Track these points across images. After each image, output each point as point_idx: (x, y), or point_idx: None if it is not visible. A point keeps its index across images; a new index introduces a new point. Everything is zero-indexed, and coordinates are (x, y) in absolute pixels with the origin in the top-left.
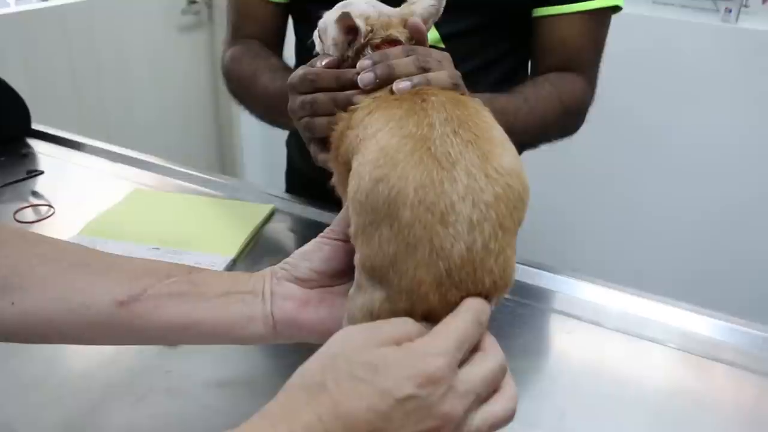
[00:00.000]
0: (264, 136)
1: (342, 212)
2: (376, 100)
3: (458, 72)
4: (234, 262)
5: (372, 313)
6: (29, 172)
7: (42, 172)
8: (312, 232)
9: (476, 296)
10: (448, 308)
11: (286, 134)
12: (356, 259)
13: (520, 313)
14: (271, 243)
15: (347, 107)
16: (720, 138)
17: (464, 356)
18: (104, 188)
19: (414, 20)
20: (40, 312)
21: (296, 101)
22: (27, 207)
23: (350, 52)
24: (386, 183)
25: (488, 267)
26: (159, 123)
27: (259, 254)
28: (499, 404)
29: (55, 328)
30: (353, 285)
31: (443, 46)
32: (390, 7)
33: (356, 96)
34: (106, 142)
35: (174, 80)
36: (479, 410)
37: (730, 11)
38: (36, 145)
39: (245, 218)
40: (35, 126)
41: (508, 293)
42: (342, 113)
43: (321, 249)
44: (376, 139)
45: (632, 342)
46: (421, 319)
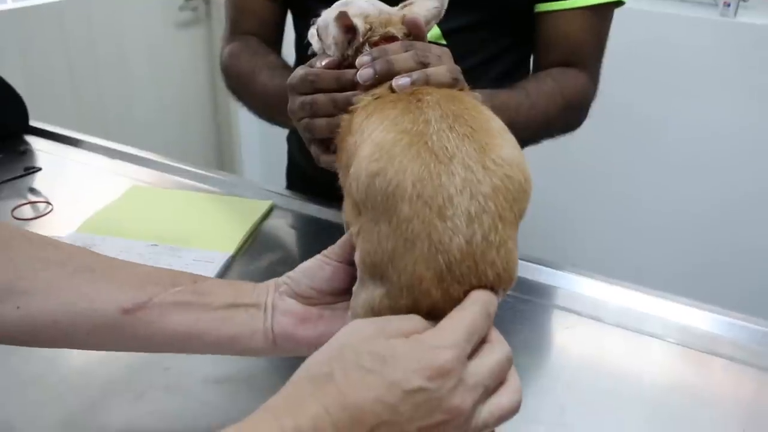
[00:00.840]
0: (262, 133)
1: (345, 235)
2: (373, 102)
3: (458, 67)
4: (232, 259)
5: (373, 309)
6: (27, 169)
7: (40, 169)
8: (311, 228)
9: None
10: (453, 303)
11: (286, 131)
12: (356, 256)
13: (521, 309)
14: (270, 239)
15: (347, 108)
16: (719, 132)
17: (473, 348)
18: (102, 185)
19: (411, 16)
20: (45, 316)
21: (296, 102)
22: (25, 204)
23: (350, 51)
24: (384, 177)
25: (490, 259)
26: (157, 119)
27: (258, 251)
28: (506, 396)
29: (59, 333)
30: (357, 281)
31: (445, 42)
32: (390, 7)
33: (355, 97)
34: (104, 139)
35: (172, 77)
36: (486, 403)
37: (729, 5)
38: (34, 142)
39: (244, 215)
40: (33, 123)
41: (509, 290)
42: (344, 115)
43: (323, 268)
44: (372, 138)
45: (632, 337)
46: (426, 315)
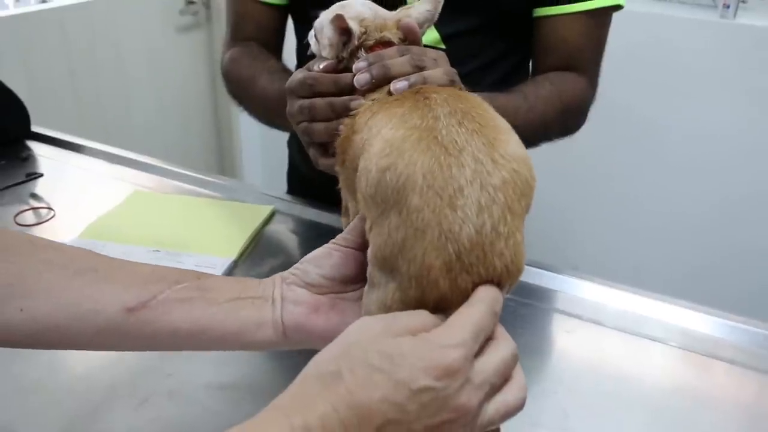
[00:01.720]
0: (263, 137)
1: (354, 221)
2: (377, 102)
3: (454, 69)
4: (235, 264)
5: (386, 306)
6: (29, 175)
7: (41, 175)
8: (312, 233)
9: (488, 283)
10: (460, 295)
11: (287, 135)
12: (369, 253)
13: (522, 313)
14: (272, 244)
15: (345, 112)
16: (719, 134)
17: (480, 346)
18: (104, 190)
19: (407, 21)
20: (49, 318)
21: (295, 106)
22: (27, 210)
23: (345, 53)
24: (393, 171)
25: (498, 250)
26: (158, 124)
27: (260, 256)
28: (511, 393)
29: (64, 335)
30: (367, 283)
31: (443, 47)
32: (386, 10)
33: (353, 102)
34: (105, 144)
35: (172, 81)
36: (492, 400)
37: (728, 7)
38: (35, 148)
39: (245, 220)
40: (34, 128)
41: (510, 293)
42: (345, 119)
43: (331, 255)
44: (381, 135)
45: (633, 340)
46: (433, 309)
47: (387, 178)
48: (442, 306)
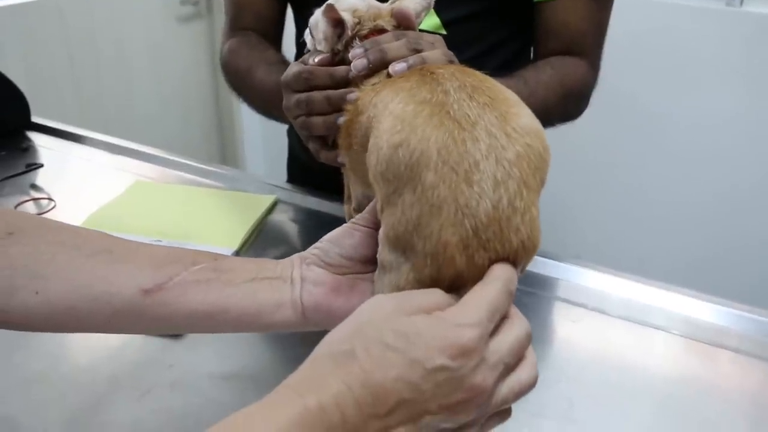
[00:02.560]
0: (265, 127)
1: (374, 201)
2: (381, 83)
3: (451, 52)
4: (237, 254)
5: (399, 288)
6: (29, 166)
7: (42, 165)
8: (314, 222)
9: (504, 260)
10: (476, 272)
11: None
12: (380, 234)
13: (525, 302)
14: (274, 234)
15: (342, 105)
16: (724, 122)
17: (494, 326)
18: (104, 180)
19: (400, 7)
20: (64, 301)
21: (291, 100)
22: (28, 200)
23: (340, 45)
24: (406, 147)
25: (515, 225)
26: (159, 114)
27: (262, 245)
28: (524, 372)
29: (80, 317)
30: (378, 268)
31: (444, 33)
32: (379, 3)
33: (350, 94)
34: (106, 134)
35: (173, 71)
36: (507, 379)
37: None
38: (35, 138)
39: (248, 209)
40: (34, 119)
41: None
42: (348, 105)
43: (352, 235)
44: (389, 110)
45: (637, 329)
46: (449, 287)
47: (399, 155)
48: (458, 284)
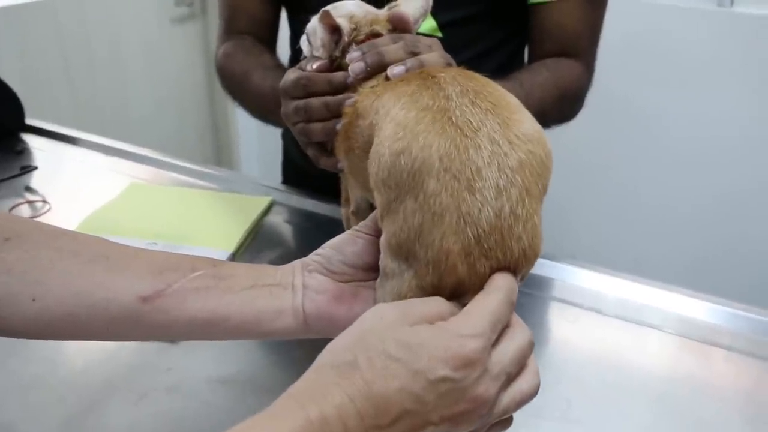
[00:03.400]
0: (260, 128)
1: (376, 211)
2: (380, 85)
3: (449, 54)
4: (233, 257)
5: (401, 295)
6: (23, 168)
7: (36, 168)
8: (310, 224)
9: (505, 268)
10: (478, 280)
11: None
12: (381, 241)
13: (522, 303)
14: (270, 236)
15: (340, 112)
16: (716, 123)
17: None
18: (99, 182)
19: (396, 11)
20: (61, 308)
21: (290, 106)
22: (23, 203)
23: (337, 52)
24: (408, 155)
25: (516, 234)
26: (153, 116)
27: (258, 247)
28: (526, 381)
29: (77, 324)
30: (380, 275)
31: (441, 35)
32: (377, 9)
33: (349, 100)
34: (101, 136)
35: (168, 72)
36: (508, 389)
37: None
38: (30, 140)
39: (243, 211)
40: (29, 121)
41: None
42: (347, 107)
43: (354, 243)
44: (391, 116)
45: (634, 329)
46: (450, 295)
47: (401, 162)
48: (459, 291)
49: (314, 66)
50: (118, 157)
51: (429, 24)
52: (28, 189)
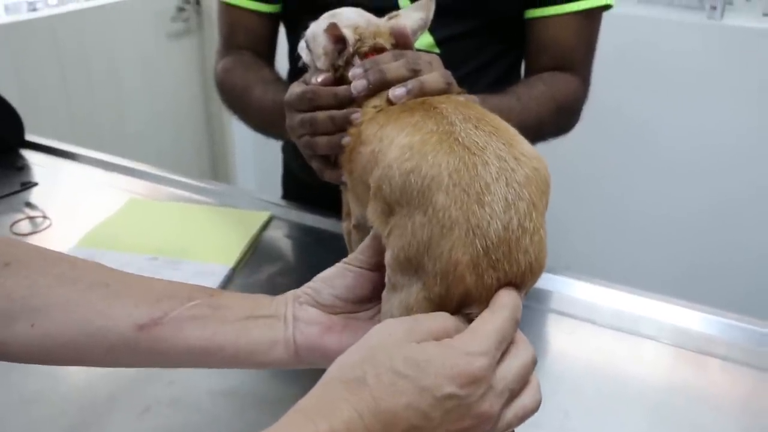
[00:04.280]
0: (256, 142)
1: (367, 240)
2: (383, 113)
3: (448, 72)
4: (233, 271)
5: (408, 307)
6: (23, 184)
7: (36, 184)
8: (310, 239)
9: (512, 280)
10: (484, 292)
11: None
12: (387, 257)
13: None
14: (270, 251)
15: (346, 125)
16: (708, 134)
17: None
18: (99, 198)
19: (398, 27)
20: (60, 335)
21: (295, 119)
22: (23, 219)
23: (340, 61)
24: (418, 173)
25: (524, 247)
26: (150, 130)
27: (257, 262)
28: (528, 396)
29: (75, 351)
30: (386, 288)
31: (438, 51)
32: (377, 18)
33: (354, 114)
34: (99, 151)
35: (165, 87)
36: (512, 405)
37: (715, 8)
38: (29, 156)
39: (243, 226)
40: (27, 137)
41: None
42: (351, 128)
43: (344, 276)
44: (395, 143)
45: (630, 340)
46: (457, 306)
47: (412, 181)
48: (466, 302)
49: (319, 79)
50: (117, 173)
51: (426, 40)
52: (29, 204)
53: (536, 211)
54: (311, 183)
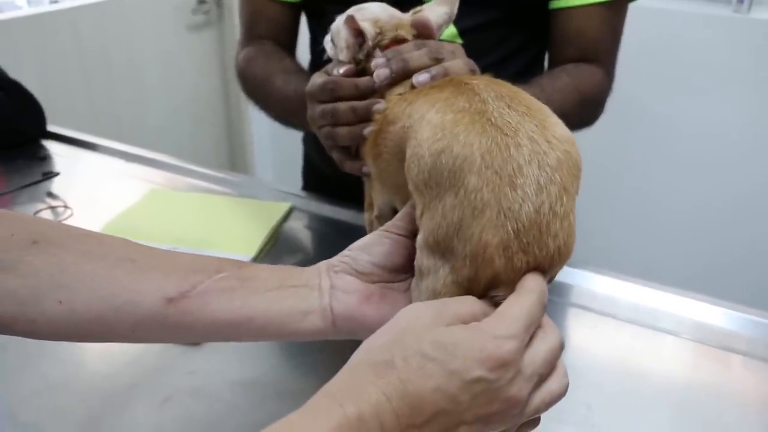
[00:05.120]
0: (274, 134)
1: (405, 209)
2: (411, 92)
3: (472, 60)
4: (254, 262)
5: (436, 292)
6: (45, 174)
7: (58, 174)
8: (330, 230)
9: (540, 264)
10: (513, 275)
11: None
12: (418, 240)
13: None
14: (290, 241)
15: (367, 116)
16: (732, 129)
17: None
18: (119, 188)
19: (420, 17)
20: (88, 310)
21: (316, 110)
22: (45, 209)
23: (361, 55)
24: (449, 154)
25: (553, 231)
26: (170, 122)
27: (278, 253)
28: (555, 381)
29: (104, 327)
30: (415, 276)
31: (461, 41)
32: (401, 12)
33: (376, 105)
34: (119, 142)
35: (184, 79)
36: (539, 390)
37: (742, 1)
38: (50, 147)
39: (264, 217)
40: (50, 128)
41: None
42: (377, 115)
43: (382, 242)
44: (426, 120)
45: (652, 335)
46: (484, 289)
47: (443, 161)
48: (493, 285)
49: (341, 70)
50: (137, 163)
51: (449, 30)
52: (50, 194)
53: (567, 195)
54: (332, 174)
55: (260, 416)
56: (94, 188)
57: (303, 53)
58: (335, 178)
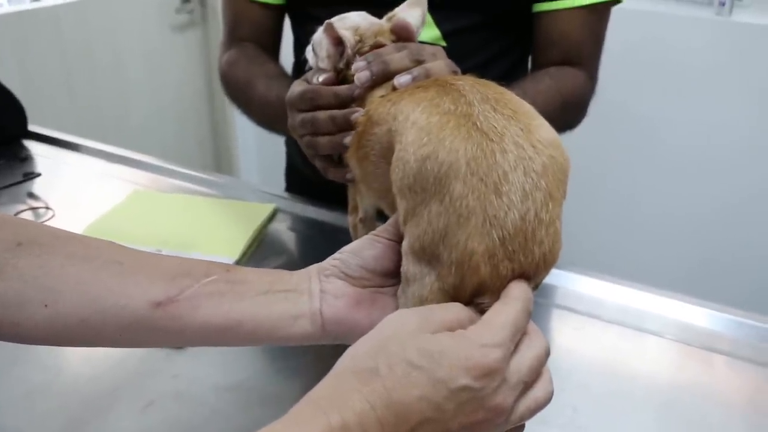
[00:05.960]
0: (259, 135)
1: (395, 216)
2: (395, 93)
3: (452, 62)
4: (237, 264)
5: (423, 298)
6: (26, 175)
7: (39, 174)
8: (314, 232)
9: (526, 272)
10: (498, 283)
11: None
12: (404, 247)
13: None
14: (274, 243)
15: (347, 125)
16: (715, 131)
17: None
18: (102, 189)
19: (398, 20)
20: (73, 314)
21: (296, 119)
22: (26, 210)
23: (341, 64)
24: (434, 159)
25: (539, 238)
26: (154, 122)
27: (262, 254)
28: (541, 389)
29: (89, 331)
30: (401, 282)
31: (444, 44)
32: (380, 20)
33: (354, 114)
34: (102, 143)
35: (168, 79)
36: (524, 397)
37: (724, 4)
38: (32, 147)
39: (247, 219)
40: (30, 127)
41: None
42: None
43: (373, 246)
44: (411, 121)
45: (637, 336)
46: (470, 297)
47: (428, 167)
48: (479, 293)
49: (320, 79)
50: (120, 164)
51: (433, 33)
52: (31, 195)
53: (553, 202)
54: (315, 179)
55: (244, 420)
56: (76, 189)
57: (287, 56)
58: (318, 182)
